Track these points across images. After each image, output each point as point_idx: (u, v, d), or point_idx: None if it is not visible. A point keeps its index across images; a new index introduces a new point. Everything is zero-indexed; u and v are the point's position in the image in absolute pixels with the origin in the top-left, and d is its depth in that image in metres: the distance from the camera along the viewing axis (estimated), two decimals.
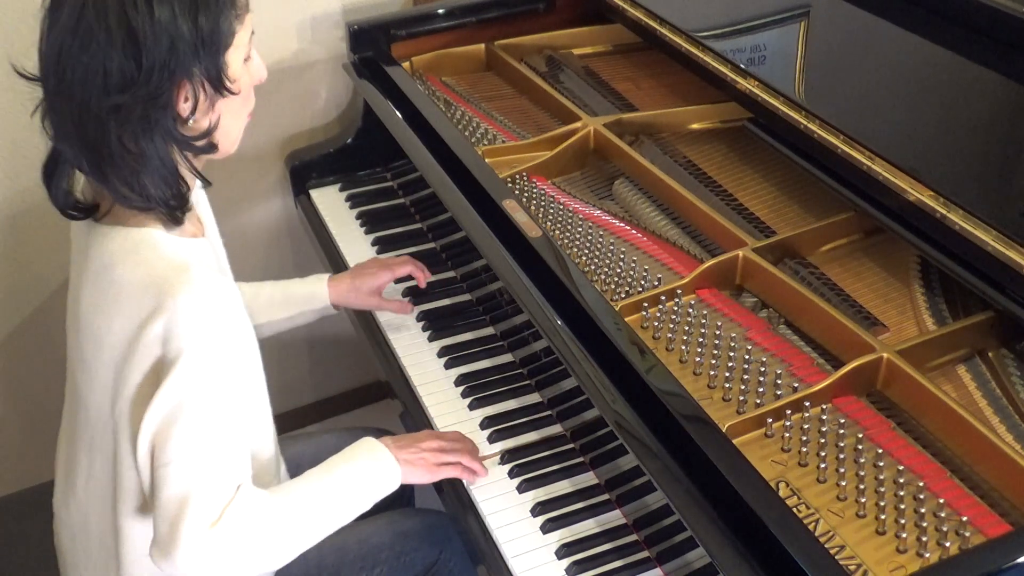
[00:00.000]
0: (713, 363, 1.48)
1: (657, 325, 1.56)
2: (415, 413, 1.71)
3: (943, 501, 1.27)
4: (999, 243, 1.34)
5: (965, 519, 1.23)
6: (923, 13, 1.76)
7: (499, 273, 1.67)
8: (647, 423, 1.38)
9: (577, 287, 1.54)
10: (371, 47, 2.16)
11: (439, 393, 1.71)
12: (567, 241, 1.74)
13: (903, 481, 1.30)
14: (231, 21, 1.25)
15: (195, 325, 1.23)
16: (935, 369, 1.45)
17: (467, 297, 1.90)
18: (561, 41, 2.27)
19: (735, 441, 1.33)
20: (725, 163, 1.89)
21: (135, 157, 1.23)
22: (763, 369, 1.47)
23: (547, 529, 1.47)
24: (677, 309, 1.57)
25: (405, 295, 1.90)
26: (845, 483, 1.31)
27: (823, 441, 1.37)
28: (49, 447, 1.56)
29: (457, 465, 1.52)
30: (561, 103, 2.02)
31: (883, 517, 1.27)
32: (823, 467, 1.33)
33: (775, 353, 1.50)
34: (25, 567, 1.68)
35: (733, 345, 1.51)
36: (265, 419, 1.49)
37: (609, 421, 1.42)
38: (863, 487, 1.30)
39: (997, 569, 1.15)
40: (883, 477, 1.31)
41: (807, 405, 1.39)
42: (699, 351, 1.50)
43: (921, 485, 1.30)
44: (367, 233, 2.08)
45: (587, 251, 1.72)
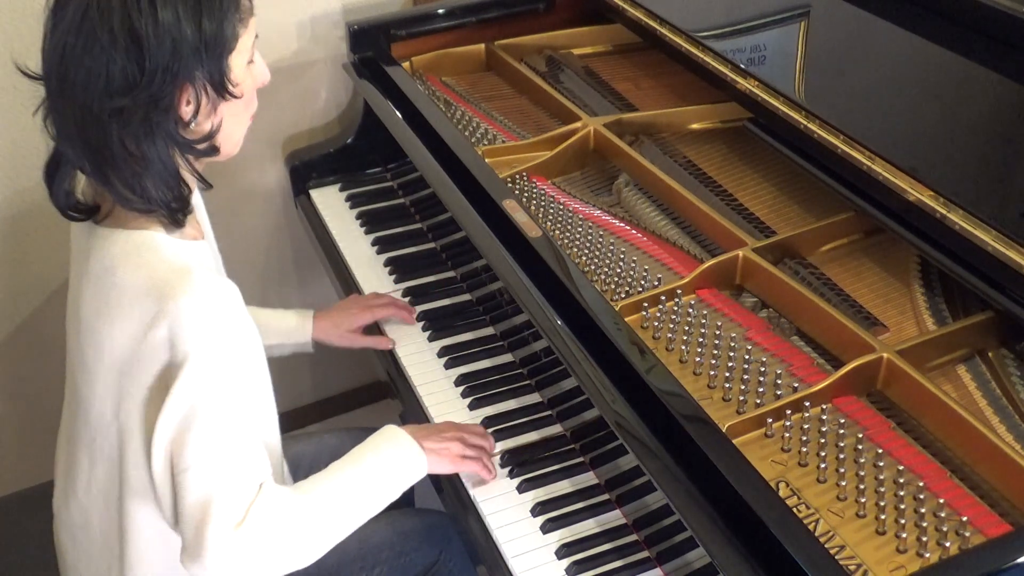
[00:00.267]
0: (713, 363, 1.48)
1: (657, 325, 1.56)
2: (415, 413, 1.71)
3: (943, 501, 1.27)
4: (999, 243, 1.34)
5: (965, 519, 1.23)
6: (923, 13, 1.76)
7: (499, 273, 1.67)
8: (647, 423, 1.38)
9: (577, 287, 1.54)
10: (371, 47, 2.16)
11: (439, 393, 1.71)
12: (567, 241, 1.74)
13: (903, 481, 1.30)
14: (235, 25, 1.25)
15: (199, 328, 1.23)
16: (935, 369, 1.45)
17: (467, 297, 1.90)
18: (561, 41, 2.27)
19: (735, 441, 1.33)
20: (725, 163, 1.89)
21: (136, 160, 1.23)
22: (763, 369, 1.47)
23: (547, 529, 1.47)
24: (677, 309, 1.57)
25: (405, 296, 1.91)
26: (845, 483, 1.31)
27: (823, 441, 1.37)
28: (49, 447, 1.56)
29: (478, 461, 1.52)
30: (561, 103, 2.02)
31: (883, 517, 1.27)
32: (823, 467, 1.33)
33: (775, 353, 1.50)
34: (25, 567, 1.68)
35: (733, 345, 1.51)
36: (271, 418, 1.49)
37: (609, 421, 1.42)
38: (863, 487, 1.30)
39: (997, 569, 1.15)
40: (883, 477, 1.31)
41: (807, 405, 1.39)
42: (699, 351, 1.50)
43: (921, 485, 1.30)
44: (367, 233, 2.08)
45: (587, 251, 1.72)
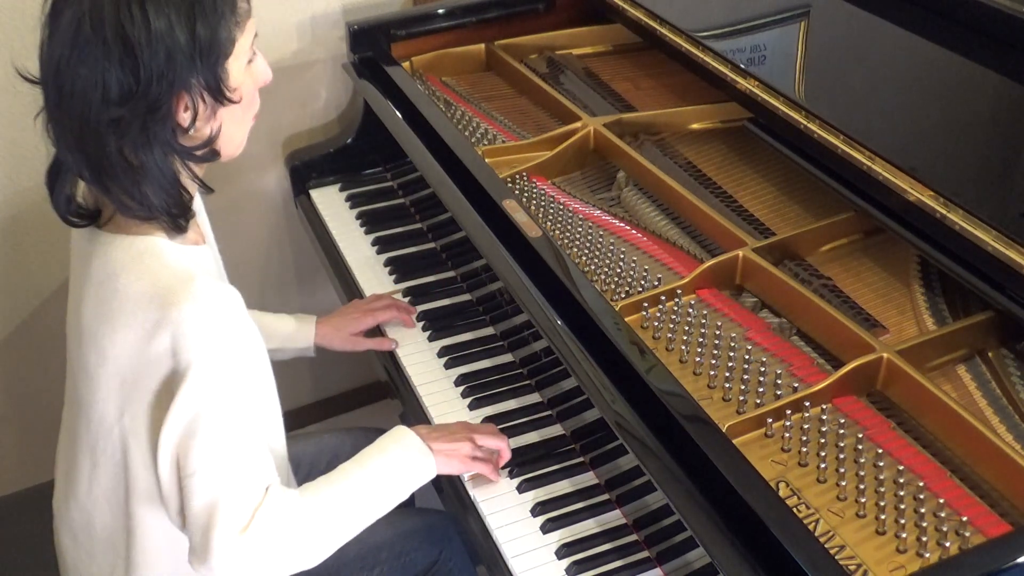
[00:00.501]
0: (713, 363, 1.48)
1: (657, 325, 1.56)
2: (415, 413, 1.71)
3: (943, 501, 1.27)
4: (999, 243, 1.34)
5: (965, 519, 1.23)
6: (923, 13, 1.76)
7: (499, 273, 1.67)
8: (647, 423, 1.38)
9: (577, 287, 1.54)
10: (371, 47, 2.16)
11: (439, 393, 1.71)
12: (567, 241, 1.74)
13: (903, 481, 1.30)
14: (231, 29, 1.24)
15: (202, 335, 1.23)
16: (935, 369, 1.45)
17: (467, 297, 1.90)
18: (561, 41, 2.27)
19: (735, 441, 1.33)
20: (725, 163, 1.89)
21: (135, 168, 1.23)
22: (763, 369, 1.47)
23: (547, 529, 1.47)
24: (677, 309, 1.57)
25: (406, 296, 1.91)
26: (845, 483, 1.31)
27: (823, 441, 1.37)
28: (49, 447, 1.56)
29: (488, 463, 1.52)
30: (561, 103, 2.02)
31: (883, 517, 1.27)
32: (823, 467, 1.33)
33: (775, 353, 1.50)
34: (25, 567, 1.67)
35: (733, 345, 1.51)
36: (276, 421, 1.49)
37: (609, 421, 1.42)
38: (863, 487, 1.30)
39: (997, 569, 1.15)
40: (883, 477, 1.31)
41: (807, 405, 1.39)
42: (699, 351, 1.50)
43: (921, 485, 1.30)
44: (367, 233, 2.08)
45: (587, 251, 1.72)
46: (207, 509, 1.25)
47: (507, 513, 1.50)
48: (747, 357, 1.49)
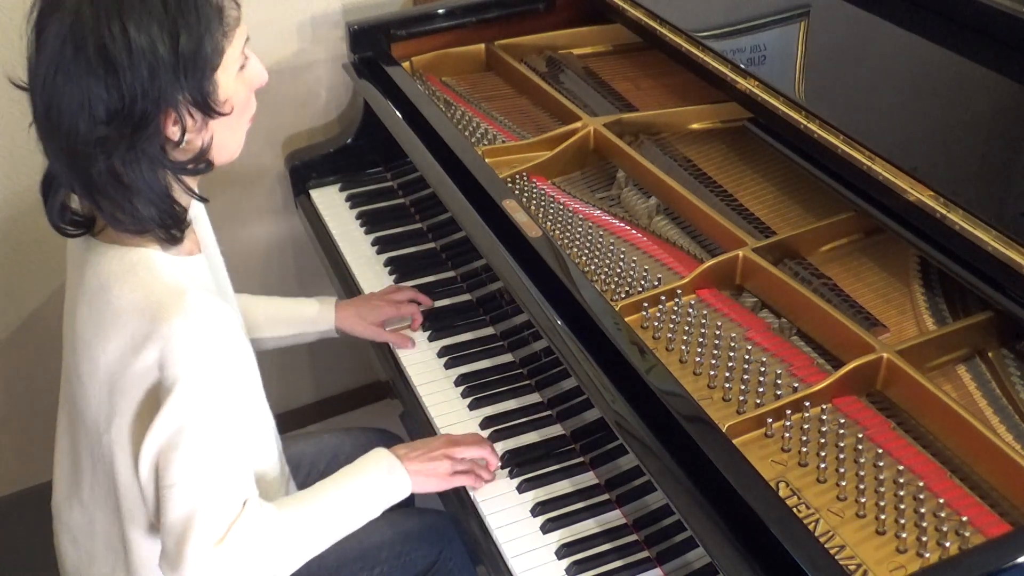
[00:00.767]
0: (713, 363, 1.48)
1: (657, 325, 1.56)
2: (415, 413, 1.71)
3: (943, 501, 1.27)
4: (999, 243, 1.34)
5: (965, 519, 1.23)
6: (923, 13, 1.77)
7: (499, 273, 1.67)
8: (647, 423, 1.38)
9: (577, 287, 1.54)
10: (371, 47, 2.16)
11: (439, 393, 1.71)
12: (567, 241, 1.74)
13: (903, 481, 1.30)
14: (217, 40, 1.22)
15: (190, 350, 1.22)
16: (935, 369, 1.45)
17: (467, 297, 1.90)
18: (561, 41, 2.27)
19: (735, 441, 1.33)
20: (725, 163, 1.89)
21: (125, 185, 1.22)
22: (763, 369, 1.47)
23: (547, 529, 1.47)
24: (677, 309, 1.57)
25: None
26: (845, 483, 1.31)
27: (823, 441, 1.37)
28: (49, 447, 1.55)
29: (470, 474, 1.52)
30: (561, 103, 2.02)
31: (883, 517, 1.27)
32: (823, 467, 1.33)
33: (775, 353, 1.50)
34: (25, 567, 1.67)
35: (733, 345, 1.51)
36: (267, 433, 1.49)
37: (609, 421, 1.42)
38: (863, 487, 1.30)
39: (997, 569, 1.15)
40: (883, 477, 1.31)
41: (807, 405, 1.39)
42: (699, 351, 1.50)
43: (921, 485, 1.30)
44: (367, 233, 2.08)
45: (587, 251, 1.72)
46: (183, 521, 1.25)
47: (507, 513, 1.50)
48: (747, 357, 1.49)
